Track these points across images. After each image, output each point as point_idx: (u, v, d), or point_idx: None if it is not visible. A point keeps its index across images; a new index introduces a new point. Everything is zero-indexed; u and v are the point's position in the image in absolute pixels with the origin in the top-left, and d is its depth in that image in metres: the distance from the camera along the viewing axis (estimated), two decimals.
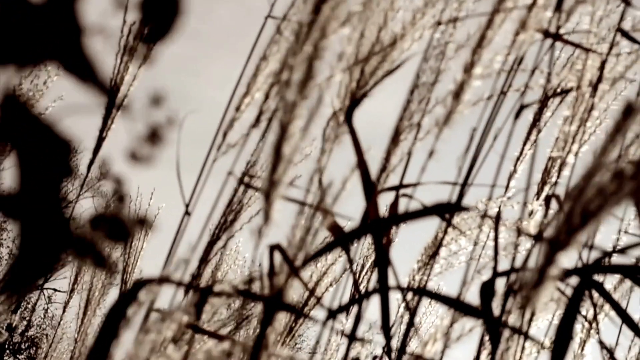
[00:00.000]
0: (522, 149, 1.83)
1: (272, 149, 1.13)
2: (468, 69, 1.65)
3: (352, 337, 1.53)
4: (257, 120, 1.47)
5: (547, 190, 1.71)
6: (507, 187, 1.76)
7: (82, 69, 0.64)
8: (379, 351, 1.43)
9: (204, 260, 1.99)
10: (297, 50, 1.13)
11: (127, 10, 0.67)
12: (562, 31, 1.79)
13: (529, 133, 1.85)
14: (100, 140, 2.46)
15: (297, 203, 1.41)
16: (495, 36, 1.66)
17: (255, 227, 1.19)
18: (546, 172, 1.70)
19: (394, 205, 1.58)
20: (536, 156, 1.82)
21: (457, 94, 1.65)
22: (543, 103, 1.85)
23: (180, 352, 1.30)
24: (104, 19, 0.67)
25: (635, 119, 1.00)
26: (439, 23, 1.56)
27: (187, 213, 1.48)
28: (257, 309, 1.34)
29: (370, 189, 1.52)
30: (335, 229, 1.54)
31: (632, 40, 1.74)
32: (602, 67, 1.72)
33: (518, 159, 1.82)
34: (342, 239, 1.49)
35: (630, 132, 0.99)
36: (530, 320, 1.30)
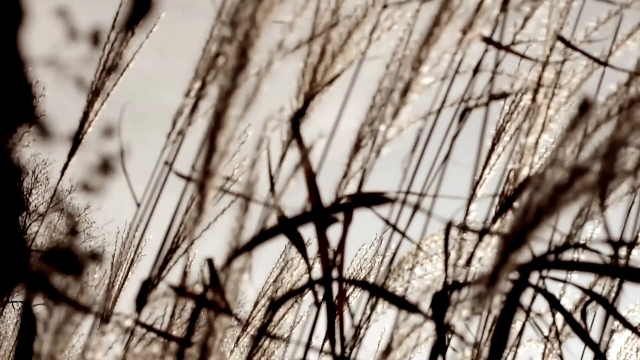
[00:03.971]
0: (486, 163, 1.81)
1: (206, 138, 1.09)
2: (415, 66, 1.63)
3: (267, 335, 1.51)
4: (195, 107, 1.43)
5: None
6: (469, 200, 1.73)
7: (20, 99, 0.63)
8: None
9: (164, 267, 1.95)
10: (231, 37, 1.10)
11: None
12: (511, 40, 1.79)
13: (492, 147, 1.83)
14: (76, 143, 2.41)
15: (234, 195, 1.38)
16: (442, 33, 1.65)
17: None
18: (508, 184, 1.68)
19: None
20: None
21: (405, 92, 1.63)
22: (507, 116, 1.84)
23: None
24: (56, 51, 0.65)
25: (591, 115, 0.99)
26: (385, 6, 1.54)
27: (137, 205, 1.44)
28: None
29: (315, 190, 1.50)
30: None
31: (570, 46, 1.74)
32: (557, 78, 1.72)
33: (481, 175, 1.79)
34: (279, 227, 1.45)
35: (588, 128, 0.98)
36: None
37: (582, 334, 1.47)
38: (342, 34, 1.59)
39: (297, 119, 1.52)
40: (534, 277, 1.53)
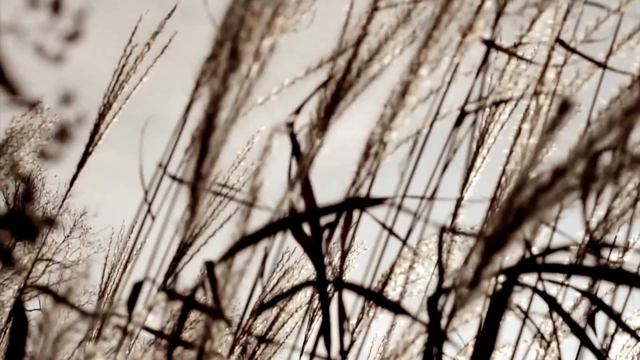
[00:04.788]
0: (471, 166, 1.80)
1: (198, 140, 1.09)
2: (414, 69, 1.63)
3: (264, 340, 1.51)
4: (188, 109, 1.44)
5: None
6: (457, 204, 1.72)
7: None
8: None
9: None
10: (223, 39, 1.11)
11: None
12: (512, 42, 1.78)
13: (478, 147, 1.82)
14: (86, 155, 2.40)
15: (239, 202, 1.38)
16: (442, 36, 1.65)
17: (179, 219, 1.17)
18: (499, 188, 1.67)
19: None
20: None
21: (403, 94, 1.62)
22: (489, 117, 1.83)
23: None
24: (17, 17, 0.65)
25: (570, 115, 0.98)
26: (375, 9, 1.54)
27: (152, 218, 1.44)
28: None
29: (310, 193, 1.50)
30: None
31: (570, 49, 1.74)
32: (557, 79, 1.71)
33: (467, 178, 1.78)
34: (282, 222, 1.44)
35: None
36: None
37: (581, 335, 1.46)
38: (371, 50, 1.59)
39: (292, 125, 1.52)
40: (532, 279, 1.52)
